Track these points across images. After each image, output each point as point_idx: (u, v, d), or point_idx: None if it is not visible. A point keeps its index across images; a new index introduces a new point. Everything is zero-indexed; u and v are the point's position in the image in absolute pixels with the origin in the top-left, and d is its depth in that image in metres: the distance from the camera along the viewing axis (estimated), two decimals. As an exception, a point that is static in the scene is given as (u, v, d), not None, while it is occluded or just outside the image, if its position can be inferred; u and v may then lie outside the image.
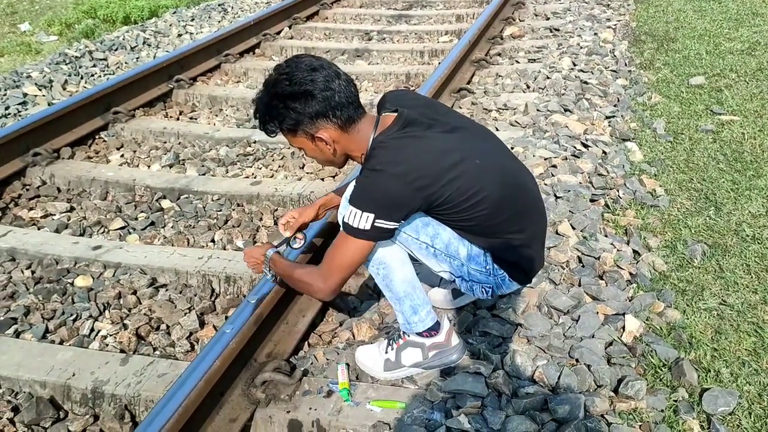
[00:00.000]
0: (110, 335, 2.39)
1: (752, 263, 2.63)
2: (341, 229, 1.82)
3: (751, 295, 2.45)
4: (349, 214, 1.77)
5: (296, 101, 1.78)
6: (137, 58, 5.58)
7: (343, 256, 1.84)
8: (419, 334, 2.01)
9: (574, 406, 1.84)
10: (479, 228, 1.88)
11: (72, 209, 3.30)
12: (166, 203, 3.30)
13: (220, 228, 3.07)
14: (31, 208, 3.31)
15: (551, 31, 5.72)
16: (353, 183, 1.84)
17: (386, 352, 2.05)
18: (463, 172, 1.79)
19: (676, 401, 1.95)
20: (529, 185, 2.00)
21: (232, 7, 7.22)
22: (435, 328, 2.02)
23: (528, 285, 2.20)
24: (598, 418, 1.85)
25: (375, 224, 1.74)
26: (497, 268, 1.96)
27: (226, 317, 2.45)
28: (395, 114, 1.85)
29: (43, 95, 4.68)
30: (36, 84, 4.80)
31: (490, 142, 1.97)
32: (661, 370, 2.07)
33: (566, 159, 3.34)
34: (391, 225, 1.77)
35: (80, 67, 5.27)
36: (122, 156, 3.84)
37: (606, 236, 2.74)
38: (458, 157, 1.80)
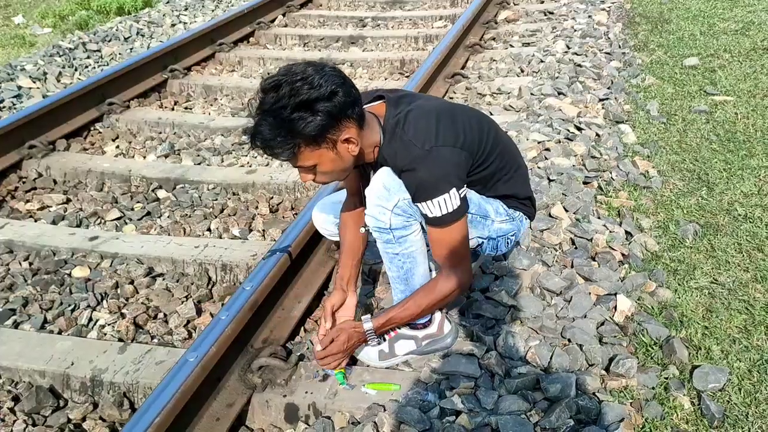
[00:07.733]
0: (108, 324, 2.41)
1: (744, 242, 2.65)
2: (434, 225, 1.78)
3: (743, 274, 2.47)
4: (436, 206, 1.74)
5: (323, 103, 1.64)
6: (131, 48, 5.57)
7: (457, 245, 1.82)
8: (411, 326, 2.02)
9: (566, 384, 1.87)
10: (497, 173, 1.97)
11: (68, 201, 3.31)
12: (162, 193, 3.32)
13: (216, 217, 3.08)
14: (28, 201, 3.32)
15: (545, 15, 5.71)
16: (408, 183, 1.77)
17: (379, 344, 2.05)
18: (470, 119, 1.89)
19: (666, 378, 1.97)
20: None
21: (226, -4, 7.19)
22: (428, 320, 2.03)
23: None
24: (590, 395, 1.87)
25: (460, 195, 1.78)
26: (513, 210, 2.08)
27: (223, 305, 2.47)
28: (379, 102, 1.88)
29: (38, 88, 4.68)
30: (30, 76, 4.79)
31: None
32: (652, 348, 2.09)
33: (560, 142, 3.34)
34: (464, 190, 1.83)
35: (74, 59, 5.26)
36: (118, 147, 3.86)
37: (599, 218, 2.76)
38: (458, 109, 1.89)
